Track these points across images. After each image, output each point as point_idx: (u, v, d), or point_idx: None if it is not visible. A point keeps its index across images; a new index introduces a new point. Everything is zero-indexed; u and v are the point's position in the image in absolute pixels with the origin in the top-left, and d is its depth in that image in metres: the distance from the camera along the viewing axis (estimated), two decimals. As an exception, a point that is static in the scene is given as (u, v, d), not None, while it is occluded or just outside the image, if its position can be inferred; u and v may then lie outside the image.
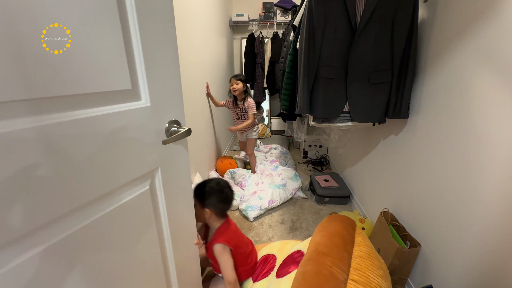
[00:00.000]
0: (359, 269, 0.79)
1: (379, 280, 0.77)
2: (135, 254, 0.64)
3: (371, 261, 0.83)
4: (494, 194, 0.78)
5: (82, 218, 0.50)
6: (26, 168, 0.39)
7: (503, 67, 0.75)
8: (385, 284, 0.78)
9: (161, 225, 0.71)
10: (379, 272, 0.81)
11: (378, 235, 1.30)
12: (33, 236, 0.42)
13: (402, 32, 1.09)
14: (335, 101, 1.21)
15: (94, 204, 0.52)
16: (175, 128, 0.67)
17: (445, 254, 0.97)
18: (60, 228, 0.46)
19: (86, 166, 0.48)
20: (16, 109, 0.38)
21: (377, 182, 1.59)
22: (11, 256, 0.39)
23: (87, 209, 0.51)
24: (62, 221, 0.46)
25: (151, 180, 0.66)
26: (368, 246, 0.91)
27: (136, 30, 0.54)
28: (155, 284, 0.73)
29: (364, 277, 0.77)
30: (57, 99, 0.43)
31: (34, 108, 0.40)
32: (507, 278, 0.73)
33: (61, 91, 0.43)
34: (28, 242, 0.41)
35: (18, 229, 0.39)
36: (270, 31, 3.31)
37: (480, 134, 0.82)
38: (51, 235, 0.44)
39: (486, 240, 0.80)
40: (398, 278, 1.16)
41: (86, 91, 0.47)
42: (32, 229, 0.41)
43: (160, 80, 0.62)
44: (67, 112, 0.45)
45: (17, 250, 0.40)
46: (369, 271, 0.79)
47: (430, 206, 1.06)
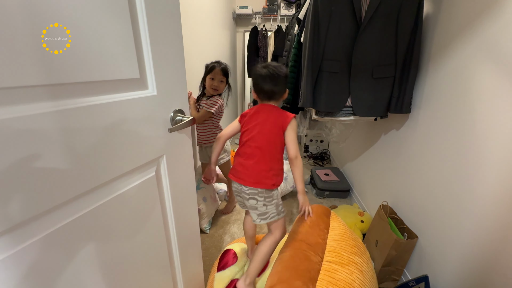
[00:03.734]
0: (333, 251, 0.85)
1: (352, 257, 0.84)
2: (141, 236, 0.67)
3: (344, 242, 0.89)
4: (489, 191, 0.79)
5: (94, 201, 0.52)
6: (41, 151, 0.41)
7: (505, 63, 0.75)
8: (360, 260, 0.84)
9: (165, 209, 0.74)
10: (353, 250, 0.87)
11: (377, 227, 1.33)
12: (49, 215, 0.44)
13: (406, 27, 1.09)
14: (338, 95, 1.22)
15: (105, 188, 0.54)
16: (180, 117, 0.69)
17: (440, 246, 0.99)
18: (73, 210, 0.48)
19: (97, 151, 0.50)
20: (35, 94, 0.40)
21: (377, 176, 1.60)
22: (27, 235, 0.42)
23: (98, 192, 0.53)
24: (75, 203, 0.48)
25: (156, 167, 0.68)
26: (342, 229, 0.97)
27: (144, 21, 0.56)
28: (159, 266, 0.76)
29: (338, 257, 0.83)
30: (72, 85, 0.45)
31: (51, 93, 0.42)
32: (498, 270, 0.76)
33: (76, 77, 0.45)
34: (43, 222, 0.44)
35: (34, 209, 0.42)
36: (274, 25, 3.29)
37: (479, 130, 0.84)
38: (65, 215, 0.47)
39: (479, 233, 0.82)
40: (395, 269, 1.19)
41: (99, 79, 0.49)
42: (44, 211, 0.43)
43: (166, 70, 0.64)
44: (82, 98, 0.47)
45: (32, 231, 0.42)
46: (342, 250, 0.85)
47: (428, 199, 1.08)
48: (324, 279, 0.76)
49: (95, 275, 0.55)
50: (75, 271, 0.50)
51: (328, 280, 0.75)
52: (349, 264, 0.81)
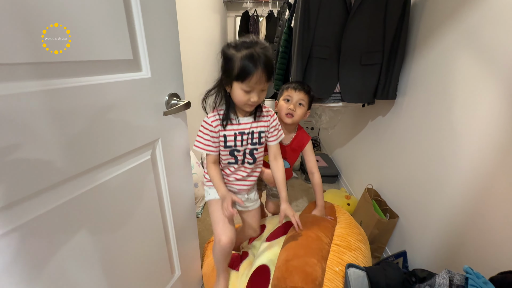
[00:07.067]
0: (341, 236, 0.89)
1: (358, 244, 0.88)
2: (138, 215, 0.69)
3: (351, 230, 0.94)
4: (463, 171, 0.86)
5: (88, 183, 0.53)
6: (29, 132, 0.41)
7: (482, 51, 0.80)
8: (364, 247, 0.89)
9: (161, 192, 0.76)
10: (359, 237, 0.91)
11: (362, 209, 1.41)
12: (48, 192, 0.45)
13: (394, 13, 1.11)
14: (327, 81, 1.25)
15: (101, 169, 0.55)
16: (175, 101, 0.70)
17: (418, 224, 1.07)
18: (70, 189, 0.50)
19: (90, 132, 0.51)
20: (21, 72, 0.39)
21: (363, 161, 1.68)
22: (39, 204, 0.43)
23: (94, 174, 0.54)
24: (73, 181, 0.50)
25: (152, 150, 0.69)
26: (348, 218, 1.02)
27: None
28: (156, 247, 0.79)
29: (345, 242, 0.87)
30: (60, 64, 0.44)
31: (37, 72, 0.41)
32: (467, 241, 0.84)
33: (64, 56, 0.44)
34: (40, 201, 0.45)
35: (24, 192, 0.43)
36: (265, 10, 3.22)
37: (456, 117, 0.89)
38: (65, 193, 0.48)
39: (453, 210, 0.90)
40: (377, 246, 1.28)
41: (88, 58, 0.48)
42: (43, 188, 0.44)
43: (160, 52, 0.63)
44: (71, 78, 0.46)
45: (30, 209, 0.44)
46: (349, 237, 0.89)
47: (409, 182, 1.16)
48: (334, 259, 0.80)
49: (94, 254, 0.57)
50: (75, 247, 0.52)
51: (337, 261, 0.80)
52: (356, 250, 0.85)
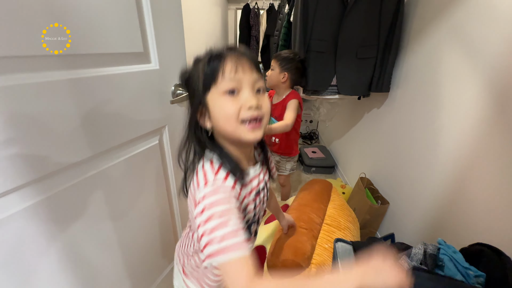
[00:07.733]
0: (332, 216, 0.97)
1: (348, 224, 0.95)
2: (146, 197, 0.76)
3: (342, 211, 1.01)
4: (448, 156, 0.93)
5: (104, 163, 0.60)
6: (56, 114, 0.48)
7: (467, 45, 0.85)
8: (353, 227, 0.97)
9: (167, 174, 0.83)
10: (349, 219, 0.99)
11: (355, 196, 1.48)
12: (69, 170, 0.52)
13: (389, 8, 1.16)
14: (324, 74, 1.30)
15: (114, 151, 0.62)
16: (180, 91, 0.76)
17: (407, 209, 1.15)
18: (87, 168, 0.57)
19: (107, 117, 0.58)
20: (54, 63, 0.46)
21: (358, 152, 1.74)
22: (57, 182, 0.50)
23: (109, 155, 0.61)
24: (90, 162, 0.56)
25: (159, 136, 0.76)
26: (341, 201, 1.09)
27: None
28: (163, 227, 0.87)
29: (336, 222, 0.94)
30: (86, 56, 0.51)
31: (65, 63, 0.48)
32: (449, 222, 0.91)
33: (89, 49, 0.51)
34: (64, 176, 0.52)
35: (52, 167, 0.50)
36: (266, 3, 3.23)
37: (442, 108, 0.95)
38: (83, 172, 0.55)
39: (436, 197, 0.97)
40: (368, 231, 1.35)
41: (107, 51, 0.55)
42: (62, 167, 0.51)
43: (167, 46, 0.70)
44: (92, 69, 0.53)
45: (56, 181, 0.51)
46: (340, 217, 0.97)
47: (399, 170, 1.23)
48: (324, 237, 0.89)
49: (106, 223, 0.65)
50: (90, 219, 0.59)
51: (327, 239, 0.88)
52: (345, 229, 0.94)
